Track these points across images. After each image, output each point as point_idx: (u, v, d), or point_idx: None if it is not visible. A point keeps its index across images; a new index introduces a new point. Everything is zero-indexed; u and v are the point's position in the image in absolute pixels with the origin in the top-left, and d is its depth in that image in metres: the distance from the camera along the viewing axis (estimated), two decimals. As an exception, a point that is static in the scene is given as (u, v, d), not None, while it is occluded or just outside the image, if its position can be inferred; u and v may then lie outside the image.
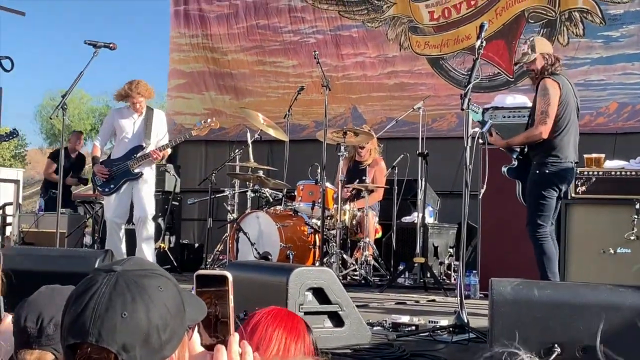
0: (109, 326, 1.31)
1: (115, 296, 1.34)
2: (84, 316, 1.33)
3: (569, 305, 3.49)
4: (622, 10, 10.30)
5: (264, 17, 12.87)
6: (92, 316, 1.32)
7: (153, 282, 1.40)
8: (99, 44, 7.09)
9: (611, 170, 6.84)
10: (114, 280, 1.36)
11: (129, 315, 1.33)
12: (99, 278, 1.38)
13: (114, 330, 1.31)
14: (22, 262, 4.74)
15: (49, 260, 4.79)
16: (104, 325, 1.31)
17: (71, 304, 1.37)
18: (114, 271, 1.39)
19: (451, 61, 11.47)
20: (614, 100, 10.35)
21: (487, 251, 7.34)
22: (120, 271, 1.39)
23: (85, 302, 1.34)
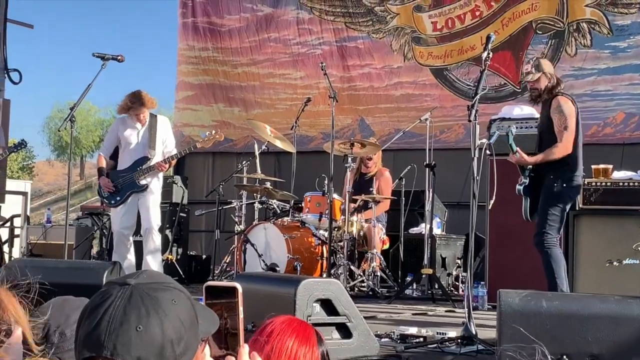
0: (124, 340, 1.32)
1: (130, 309, 1.35)
2: (98, 329, 1.34)
3: (577, 317, 3.49)
4: (629, 21, 10.32)
5: (275, 30, 12.90)
6: (107, 329, 1.33)
7: (167, 296, 1.40)
8: (107, 56, 7.12)
9: (619, 181, 6.84)
10: (129, 294, 1.37)
11: (144, 328, 1.33)
12: (113, 291, 1.38)
13: (129, 343, 1.32)
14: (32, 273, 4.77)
15: (58, 272, 4.79)
16: (119, 339, 1.32)
17: (86, 317, 1.38)
18: (128, 284, 1.39)
19: (455, 72, 11.48)
20: (621, 110, 10.35)
21: (495, 262, 7.33)
22: (134, 284, 1.39)
23: (100, 316, 1.35)
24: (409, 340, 4.73)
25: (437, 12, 11.63)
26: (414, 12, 11.78)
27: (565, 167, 6.03)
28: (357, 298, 6.77)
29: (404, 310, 6.85)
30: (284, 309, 3.85)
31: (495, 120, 7.38)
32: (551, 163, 6.04)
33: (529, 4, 10.92)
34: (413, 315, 6.55)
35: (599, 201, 6.76)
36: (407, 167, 8.86)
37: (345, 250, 7.83)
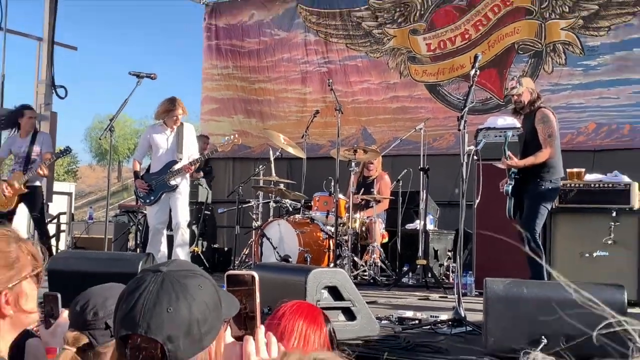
0: (157, 320, 1.33)
1: (162, 294, 1.36)
2: (134, 311, 1.35)
3: (554, 302, 3.48)
4: (599, 43, 10.30)
5: (287, 51, 12.97)
6: (142, 311, 1.34)
7: (194, 282, 1.41)
8: (142, 74, 7.14)
9: (590, 182, 6.83)
10: (161, 280, 1.38)
11: (174, 310, 1.34)
12: (148, 277, 1.40)
13: (160, 323, 1.33)
14: (76, 264, 4.78)
15: (99, 263, 4.81)
16: (152, 319, 1.33)
17: (123, 300, 1.39)
18: (160, 271, 1.41)
19: (447, 87, 11.48)
20: (592, 121, 10.34)
21: (481, 254, 7.30)
22: (165, 272, 1.40)
23: (136, 299, 1.36)
24: (405, 322, 4.74)
25: (431, 35, 11.64)
26: (410, 34, 11.78)
27: (550, 171, 6.09)
28: (360, 285, 6.77)
29: (401, 296, 6.85)
30: (296, 294, 3.85)
31: (481, 129, 7.35)
32: (537, 168, 6.07)
33: (512, 27, 10.92)
34: (418, 300, 6.55)
35: (573, 201, 6.75)
36: (403, 170, 8.85)
37: (349, 244, 7.82)
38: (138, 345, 1.34)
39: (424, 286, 7.57)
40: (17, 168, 8.34)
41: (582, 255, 6.54)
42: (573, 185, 6.80)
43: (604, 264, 6.48)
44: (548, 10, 10.65)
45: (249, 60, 13.36)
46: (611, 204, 6.61)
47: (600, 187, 6.75)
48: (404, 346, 3.83)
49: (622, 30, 10.15)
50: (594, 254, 6.53)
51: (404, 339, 4.00)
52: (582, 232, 6.66)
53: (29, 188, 8.21)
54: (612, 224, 6.52)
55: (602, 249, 6.51)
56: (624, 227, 6.56)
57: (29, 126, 8.43)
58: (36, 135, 8.42)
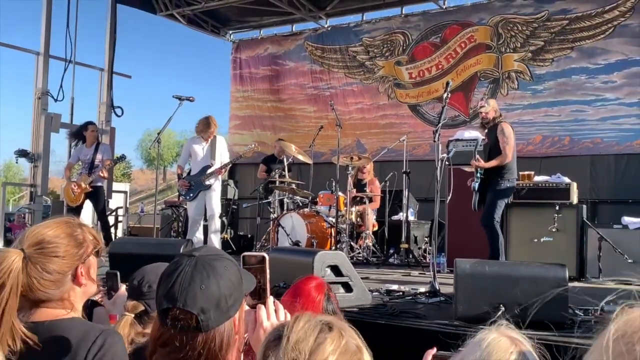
0: (192, 295, 1.33)
1: (196, 274, 1.36)
2: (174, 288, 1.35)
3: (510, 278, 3.49)
4: (544, 71, 10.30)
5: (294, 77, 12.98)
6: (180, 288, 1.34)
7: (221, 264, 1.41)
8: (183, 97, 7.16)
9: (538, 183, 6.84)
10: (194, 263, 1.39)
11: (206, 287, 1.35)
12: (183, 261, 1.40)
13: (195, 298, 1.33)
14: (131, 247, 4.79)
15: (149, 247, 4.82)
16: (188, 295, 1.33)
17: (163, 280, 1.39)
18: (193, 256, 1.41)
19: (425, 107, 11.47)
20: (539, 133, 10.32)
21: (452, 239, 7.32)
22: (198, 256, 1.41)
23: (174, 279, 1.36)
24: (392, 294, 4.74)
25: (411, 66, 11.63)
26: (395, 65, 11.78)
27: (508, 173, 6.13)
28: (356, 264, 6.70)
29: (388, 273, 6.83)
30: (305, 272, 3.85)
31: (452, 140, 7.36)
32: (498, 170, 6.09)
33: (475, 59, 10.91)
34: (402, 276, 6.50)
35: (524, 197, 6.75)
36: (390, 173, 8.85)
37: (347, 231, 7.83)
38: (177, 316, 1.33)
39: (407, 265, 7.56)
40: (83, 172, 8.39)
41: (532, 240, 6.54)
42: (525, 185, 6.79)
43: (550, 247, 6.48)
44: (504, 45, 10.64)
45: (262, 84, 13.41)
46: (555, 199, 6.61)
47: (546, 187, 6.75)
48: (391, 312, 3.84)
49: (563, 61, 10.15)
50: (542, 239, 6.53)
51: (390, 307, 4.01)
52: (532, 222, 6.65)
53: (92, 188, 8.24)
54: (555, 216, 6.52)
55: (548, 236, 6.51)
56: (565, 218, 6.56)
57: (93, 138, 8.47)
58: (99, 146, 8.47)
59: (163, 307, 1.35)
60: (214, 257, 1.42)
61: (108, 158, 8.43)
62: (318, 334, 1.16)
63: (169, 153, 54.49)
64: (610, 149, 9.72)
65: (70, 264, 1.75)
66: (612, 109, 9.73)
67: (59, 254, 1.72)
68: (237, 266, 1.46)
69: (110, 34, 11.24)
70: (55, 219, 1.80)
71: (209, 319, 1.34)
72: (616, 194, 9.56)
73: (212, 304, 1.34)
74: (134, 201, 41.12)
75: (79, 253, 1.78)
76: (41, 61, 10.18)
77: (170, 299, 1.34)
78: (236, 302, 1.41)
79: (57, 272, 1.71)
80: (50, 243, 1.71)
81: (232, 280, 1.40)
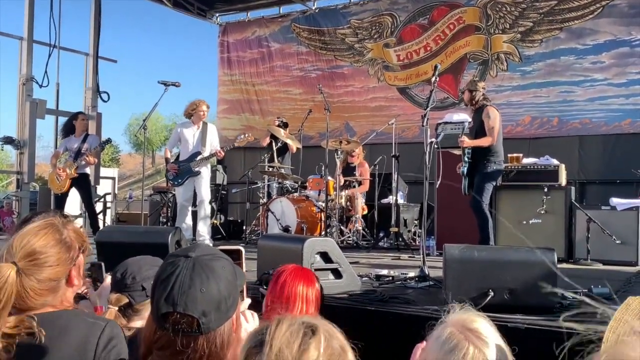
0: (192, 299, 1.31)
1: (195, 276, 1.34)
2: (173, 292, 1.32)
3: (499, 262, 3.49)
4: (533, 52, 10.28)
5: (280, 59, 12.90)
6: (179, 291, 1.32)
7: (219, 264, 1.39)
8: (168, 82, 7.09)
9: (527, 165, 6.84)
10: (192, 264, 1.36)
11: (206, 290, 1.33)
12: (180, 262, 1.37)
13: (195, 301, 1.32)
14: (118, 236, 4.74)
15: (137, 235, 4.77)
16: (188, 298, 1.31)
17: (160, 283, 1.36)
18: (190, 257, 1.38)
19: (414, 89, 11.44)
20: (528, 115, 10.33)
21: (441, 223, 7.32)
22: (194, 257, 1.38)
23: (173, 282, 1.34)
24: (381, 279, 4.72)
25: (399, 48, 11.57)
26: (384, 48, 11.72)
27: (494, 156, 6.11)
28: (345, 249, 6.76)
29: (378, 257, 6.83)
30: (295, 259, 3.84)
31: (440, 123, 7.35)
32: (485, 153, 6.07)
33: (464, 41, 10.87)
34: (391, 260, 6.46)
35: (513, 179, 6.75)
36: (379, 157, 8.83)
37: (337, 216, 7.82)
38: (177, 320, 1.32)
39: (396, 248, 7.56)
40: (69, 159, 8.34)
41: (521, 223, 6.55)
42: (513, 167, 6.80)
43: (539, 229, 6.51)
44: (493, 27, 10.60)
45: (249, 67, 13.32)
46: (543, 181, 6.63)
47: (535, 168, 6.76)
48: (380, 298, 3.83)
49: (551, 42, 10.13)
50: (530, 222, 6.55)
51: (380, 293, 4.00)
52: (520, 204, 6.67)
53: (78, 174, 8.20)
54: (544, 198, 6.54)
55: (537, 217, 6.54)
56: (554, 199, 6.58)
57: (82, 127, 8.47)
58: (87, 137, 8.43)
59: (162, 312, 1.32)
60: (211, 257, 1.40)
61: (95, 147, 8.35)
62: (302, 339, 1.13)
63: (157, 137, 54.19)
64: (598, 129, 9.75)
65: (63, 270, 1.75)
66: (601, 89, 9.74)
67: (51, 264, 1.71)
68: (232, 264, 1.45)
69: (95, 18, 11.08)
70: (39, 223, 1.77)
71: (210, 321, 1.32)
72: (604, 175, 9.61)
73: (212, 306, 1.33)
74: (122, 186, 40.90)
75: (70, 257, 1.78)
76: (25, 46, 10.03)
77: (170, 304, 1.31)
78: (234, 302, 1.40)
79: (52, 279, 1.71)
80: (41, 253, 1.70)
81: (230, 280, 1.39)
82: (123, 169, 51.92)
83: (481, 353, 1.28)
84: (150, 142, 52.26)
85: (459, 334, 1.30)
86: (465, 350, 1.27)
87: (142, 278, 2.16)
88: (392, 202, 8.12)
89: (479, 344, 1.29)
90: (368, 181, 8.79)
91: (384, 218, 8.46)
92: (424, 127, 4.88)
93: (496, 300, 3.33)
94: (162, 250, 4.18)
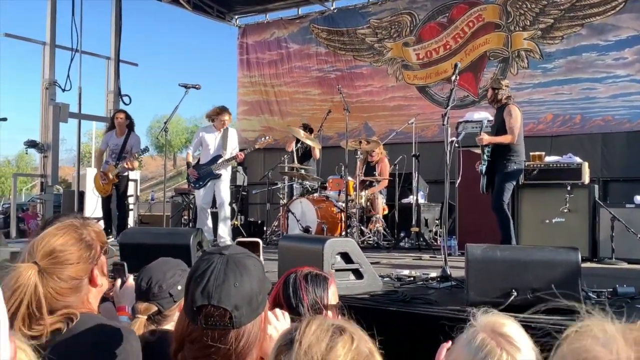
0: (226, 293, 1.35)
1: (229, 272, 1.38)
2: (208, 286, 1.36)
3: (522, 262, 3.45)
4: (554, 49, 10.17)
5: (299, 60, 12.91)
6: (214, 285, 1.35)
7: (251, 262, 1.43)
8: (189, 85, 7.12)
9: (549, 163, 6.77)
10: (225, 261, 1.40)
11: (239, 285, 1.37)
12: (214, 259, 1.41)
13: (229, 295, 1.35)
14: (141, 238, 4.79)
15: (159, 236, 4.81)
16: (222, 292, 1.35)
17: (196, 277, 1.39)
18: (223, 254, 1.42)
19: (433, 88, 11.38)
20: (550, 112, 10.22)
21: (463, 222, 7.28)
22: (228, 254, 1.42)
23: (208, 276, 1.37)
24: (403, 279, 4.69)
25: (419, 47, 11.52)
26: (403, 47, 11.68)
27: (515, 155, 6.05)
28: (366, 249, 6.75)
29: (399, 257, 6.80)
30: (316, 260, 3.85)
31: (461, 122, 7.31)
32: (505, 152, 6.03)
33: (484, 39, 10.79)
34: (412, 260, 6.42)
35: (535, 178, 6.68)
36: (399, 157, 8.78)
37: (357, 216, 7.80)
38: (211, 313, 1.35)
39: (417, 248, 7.53)
40: (110, 161, 8.38)
41: (543, 222, 6.48)
42: (535, 165, 6.73)
43: (561, 228, 6.43)
44: (513, 24, 10.50)
45: (268, 68, 13.34)
46: (566, 180, 6.55)
47: (557, 167, 6.69)
48: (402, 299, 3.81)
49: (572, 39, 10.01)
50: (553, 220, 6.48)
51: (402, 293, 3.98)
52: (543, 203, 6.60)
53: (119, 178, 8.30)
54: (567, 196, 6.46)
55: (560, 216, 6.46)
56: (577, 198, 6.50)
57: (120, 125, 8.41)
58: (129, 136, 8.42)
59: (197, 305, 1.35)
60: (243, 255, 1.44)
61: (136, 150, 8.38)
62: (330, 338, 1.16)
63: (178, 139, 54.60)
64: (621, 126, 9.61)
65: (84, 268, 1.77)
66: (624, 85, 9.60)
67: (72, 261, 1.73)
68: (261, 264, 1.48)
69: (116, 22, 11.19)
70: (59, 225, 1.80)
71: (241, 315, 1.35)
72: (628, 172, 9.46)
73: (245, 300, 1.36)
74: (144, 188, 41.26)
75: (91, 255, 1.79)
76: (48, 51, 10.17)
77: (205, 296, 1.35)
78: (264, 300, 1.44)
79: (74, 278, 1.73)
80: (61, 252, 1.71)
81: (261, 278, 1.43)
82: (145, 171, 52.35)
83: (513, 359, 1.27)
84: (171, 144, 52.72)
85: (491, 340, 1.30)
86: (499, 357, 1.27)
87: (169, 285, 2.17)
88: (412, 202, 8.08)
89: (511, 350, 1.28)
90: (387, 177, 8.75)
91: (404, 218, 8.42)
92: (445, 126, 4.84)
93: (520, 300, 3.28)
94: (184, 252, 4.22)
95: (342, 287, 3.96)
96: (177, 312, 2.18)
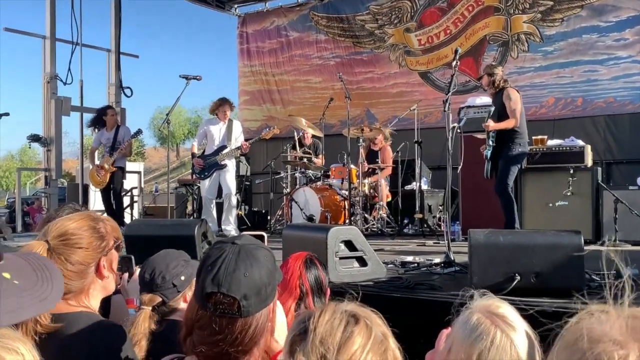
0: (236, 282, 1.36)
1: (240, 261, 1.39)
2: (219, 274, 1.37)
3: (524, 246, 3.46)
4: (554, 32, 10.11)
5: (299, 48, 12.87)
6: (225, 274, 1.37)
7: (262, 253, 1.44)
8: (190, 76, 7.12)
9: (552, 146, 6.77)
10: (237, 250, 1.41)
11: (249, 275, 1.38)
12: (227, 248, 1.43)
13: (239, 284, 1.36)
14: (146, 229, 4.81)
15: (164, 228, 4.83)
16: (232, 281, 1.36)
17: (208, 265, 1.41)
18: (236, 244, 1.44)
19: (435, 74, 11.34)
20: (551, 96, 10.18)
21: (466, 207, 7.28)
22: (240, 244, 1.43)
23: (219, 265, 1.39)
24: (407, 266, 4.70)
25: (420, 32, 11.47)
26: (405, 33, 11.63)
27: (518, 138, 6.05)
28: (370, 236, 6.78)
29: (403, 243, 6.81)
30: (320, 248, 3.87)
31: (463, 107, 7.29)
32: (510, 134, 6.02)
33: (484, 23, 10.73)
34: (416, 246, 6.42)
35: (538, 162, 6.68)
36: (401, 143, 8.78)
37: (360, 203, 7.82)
38: (220, 300, 1.36)
39: (421, 235, 7.54)
40: (105, 154, 8.59)
41: (547, 205, 6.49)
42: (538, 149, 6.73)
43: (565, 211, 6.45)
44: (512, 7, 10.44)
45: (269, 57, 13.29)
46: (569, 163, 6.55)
47: (560, 150, 6.68)
48: (406, 285, 3.83)
49: (572, 21, 9.95)
50: (557, 204, 6.49)
51: (406, 279, 4.00)
52: (546, 187, 6.61)
53: (116, 167, 8.39)
54: (570, 179, 6.47)
55: (563, 200, 6.47)
56: (580, 181, 6.51)
57: (113, 121, 8.65)
58: (119, 128, 8.64)
59: (207, 291, 1.37)
60: (255, 246, 1.46)
61: (128, 139, 8.54)
62: (345, 327, 1.17)
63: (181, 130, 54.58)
64: (623, 108, 9.58)
65: (93, 255, 1.80)
66: (625, 67, 9.55)
67: (82, 245, 1.76)
68: (272, 256, 1.49)
69: (115, 14, 11.16)
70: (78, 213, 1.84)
71: (250, 305, 1.37)
72: (631, 154, 9.44)
73: (253, 291, 1.37)
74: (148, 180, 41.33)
75: (102, 245, 1.82)
76: (48, 45, 10.16)
77: (215, 284, 1.36)
78: (273, 291, 1.44)
79: (81, 263, 1.76)
80: (73, 235, 1.75)
81: (271, 270, 1.44)
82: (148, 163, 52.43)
83: (508, 338, 1.28)
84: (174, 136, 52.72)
85: (486, 319, 1.31)
86: (493, 335, 1.28)
87: (172, 276, 2.20)
88: (415, 189, 8.09)
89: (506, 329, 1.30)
90: (390, 165, 8.75)
91: (408, 205, 8.43)
92: (446, 113, 4.84)
93: (523, 284, 3.31)
94: (189, 243, 4.25)
95: (347, 275, 3.99)
96: (182, 303, 2.21)
